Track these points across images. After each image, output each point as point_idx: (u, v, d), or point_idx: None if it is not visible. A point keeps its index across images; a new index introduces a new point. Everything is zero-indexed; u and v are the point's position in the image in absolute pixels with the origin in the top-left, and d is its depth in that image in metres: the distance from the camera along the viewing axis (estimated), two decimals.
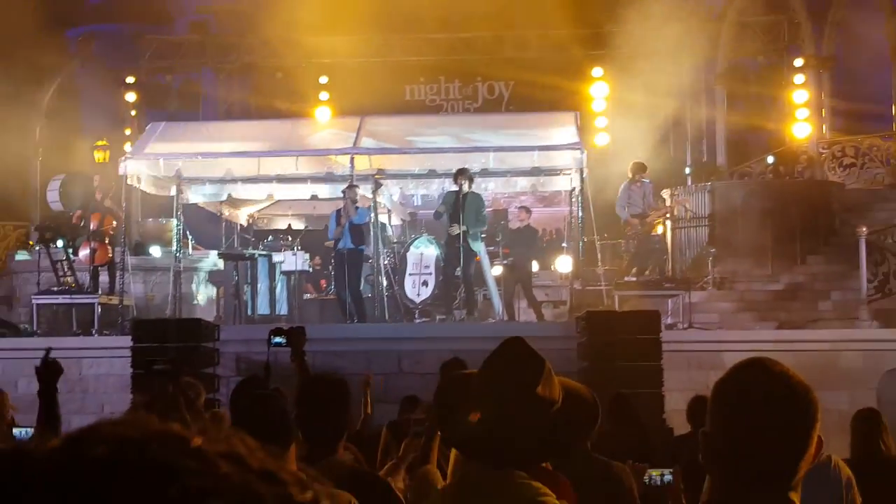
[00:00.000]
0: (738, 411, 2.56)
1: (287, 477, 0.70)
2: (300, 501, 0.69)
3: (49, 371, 6.36)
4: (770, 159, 22.99)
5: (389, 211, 18.85)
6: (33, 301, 18.04)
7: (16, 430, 8.11)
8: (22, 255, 20.35)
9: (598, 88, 25.27)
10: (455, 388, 3.46)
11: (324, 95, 25.96)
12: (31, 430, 7.55)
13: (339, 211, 17.01)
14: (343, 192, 17.04)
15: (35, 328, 17.59)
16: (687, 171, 24.36)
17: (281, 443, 4.07)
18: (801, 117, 23.44)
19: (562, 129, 18.64)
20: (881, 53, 24.60)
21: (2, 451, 0.71)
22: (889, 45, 24.28)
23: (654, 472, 6.07)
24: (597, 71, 25.52)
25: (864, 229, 17.19)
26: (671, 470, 6.16)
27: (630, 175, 20.00)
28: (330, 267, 18.10)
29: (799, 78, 23.79)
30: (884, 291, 17.41)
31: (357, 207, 16.93)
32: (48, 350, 6.72)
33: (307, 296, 18.98)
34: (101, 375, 14.81)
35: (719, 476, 2.62)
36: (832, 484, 6.25)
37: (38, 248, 18.84)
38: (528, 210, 18.04)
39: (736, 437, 2.54)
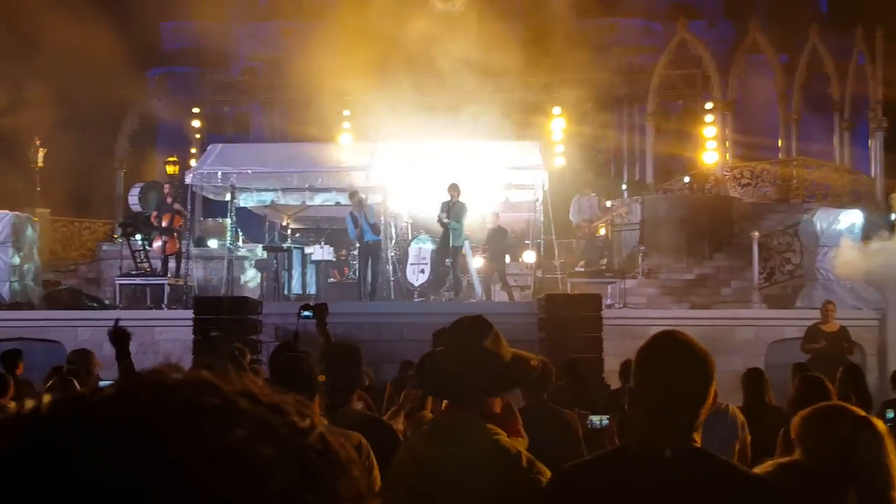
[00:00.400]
0: (654, 371, 2.61)
1: (290, 408, 0.71)
2: (301, 428, 0.70)
3: (118, 336, 6.36)
4: (686, 179, 23.19)
5: (396, 214, 18.82)
6: (116, 282, 17.99)
7: (101, 383, 7.97)
8: (108, 246, 20.29)
9: (557, 123, 25.29)
10: (430, 354, 3.60)
11: (346, 125, 25.91)
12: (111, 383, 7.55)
13: (351, 213, 17.03)
14: (349, 196, 17.15)
15: (117, 303, 17.56)
16: (624, 187, 24.46)
17: (307, 394, 4.11)
18: (710, 147, 23.52)
19: (528, 154, 18.74)
20: (770, 99, 24.83)
21: (65, 399, 0.71)
22: (776, 92, 24.46)
23: (595, 418, 6.14)
24: (556, 110, 25.51)
25: (756, 234, 17.35)
26: (608, 416, 6.24)
27: (581, 190, 20.30)
28: (354, 253, 18.16)
29: (709, 118, 23.91)
30: (771, 281, 17.61)
31: (370, 213, 17.01)
32: (117, 320, 6.74)
33: (331, 280, 18.97)
34: (168, 340, 14.83)
35: (641, 420, 2.65)
36: (728, 426, 6.31)
37: (120, 240, 18.80)
38: (497, 215, 18.09)
39: (653, 391, 2.58)
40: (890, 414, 6.72)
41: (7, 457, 0.65)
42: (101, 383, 7.94)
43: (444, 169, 17.71)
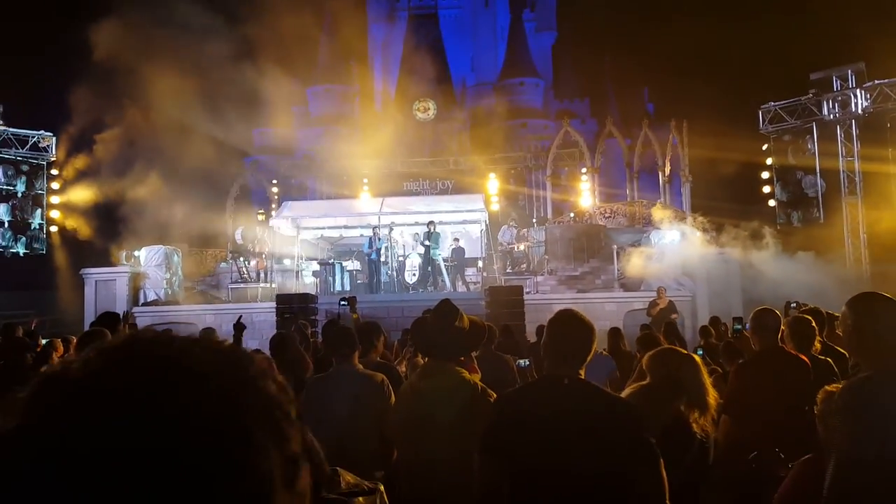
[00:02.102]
0: (557, 332, 2.59)
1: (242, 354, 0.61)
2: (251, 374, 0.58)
3: (238, 327, 6.34)
4: (571, 214, 23.18)
5: (396, 240, 18.69)
6: (229, 286, 17.88)
7: None
8: (223, 265, 20.13)
9: (492, 183, 25.26)
10: (420, 323, 3.57)
11: (365, 186, 25.84)
12: None
13: (370, 238, 16.98)
14: (372, 230, 17.10)
15: (230, 299, 17.43)
16: (534, 220, 24.42)
17: (349, 349, 4.06)
18: (585, 193, 23.64)
19: (475, 203, 18.72)
20: (620, 165, 25.04)
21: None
22: (624, 161, 24.65)
23: (522, 361, 6.07)
24: (492, 175, 25.54)
25: (615, 246, 17.41)
26: (529, 360, 6.18)
27: (506, 222, 20.28)
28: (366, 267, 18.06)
29: (584, 177, 24.03)
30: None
31: (379, 238, 16.95)
32: (240, 316, 6.71)
33: (359, 281, 18.81)
34: (261, 321, 14.67)
35: (548, 361, 2.61)
36: (605, 365, 6.31)
37: (231, 261, 18.67)
38: (458, 239, 18.04)
39: (557, 344, 2.57)
40: (699, 351, 6.73)
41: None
42: None
43: (425, 212, 17.69)
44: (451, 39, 50.94)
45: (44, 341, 7.74)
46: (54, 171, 18.45)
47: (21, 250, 17.48)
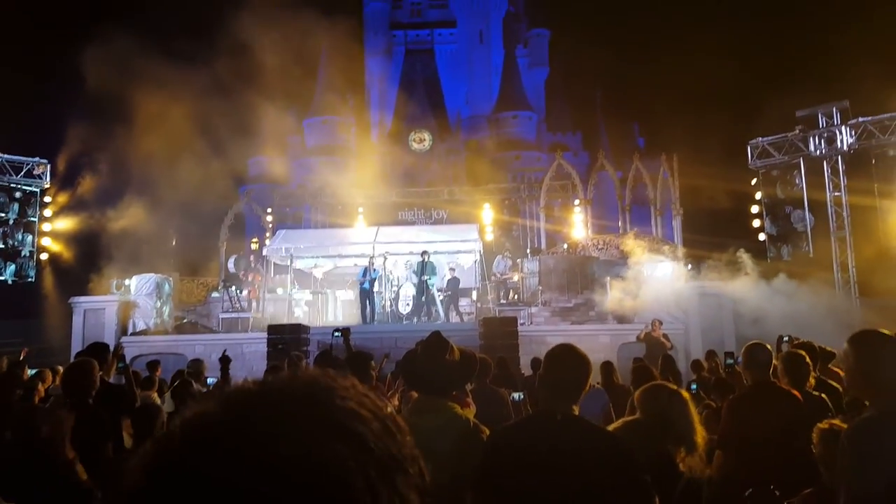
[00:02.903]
0: (553, 367, 2.58)
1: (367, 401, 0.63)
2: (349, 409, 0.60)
3: (224, 360, 6.28)
4: (565, 245, 23.20)
5: (391, 270, 18.61)
6: (220, 316, 17.71)
7: (209, 380, 7.62)
8: (215, 294, 19.97)
9: (486, 213, 25.30)
10: (409, 357, 3.52)
11: (360, 216, 25.84)
12: (214, 380, 7.35)
13: (365, 268, 16.92)
14: (369, 259, 17.03)
15: (220, 329, 17.28)
16: (528, 250, 24.39)
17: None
18: (578, 225, 23.69)
19: (469, 231, 18.74)
20: (612, 198, 25.14)
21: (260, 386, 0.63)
22: (616, 194, 24.79)
23: (516, 395, 6.01)
24: (486, 206, 25.63)
25: (608, 278, 17.39)
26: (523, 393, 6.12)
27: (501, 252, 20.24)
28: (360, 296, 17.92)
29: (577, 209, 24.07)
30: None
31: (374, 269, 16.88)
32: (224, 350, 6.66)
33: (351, 311, 18.67)
34: (251, 352, 14.54)
35: (542, 395, 2.61)
36: (599, 399, 6.25)
37: (222, 290, 18.54)
38: (453, 269, 17.98)
39: (552, 377, 2.56)
40: (693, 386, 6.69)
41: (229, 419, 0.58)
42: (208, 381, 7.81)
43: (420, 242, 17.65)
44: (447, 73, 51.60)
45: (31, 371, 7.62)
46: (48, 199, 18.39)
47: (9, 278, 17.32)
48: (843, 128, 16.86)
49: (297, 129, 47.63)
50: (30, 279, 17.64)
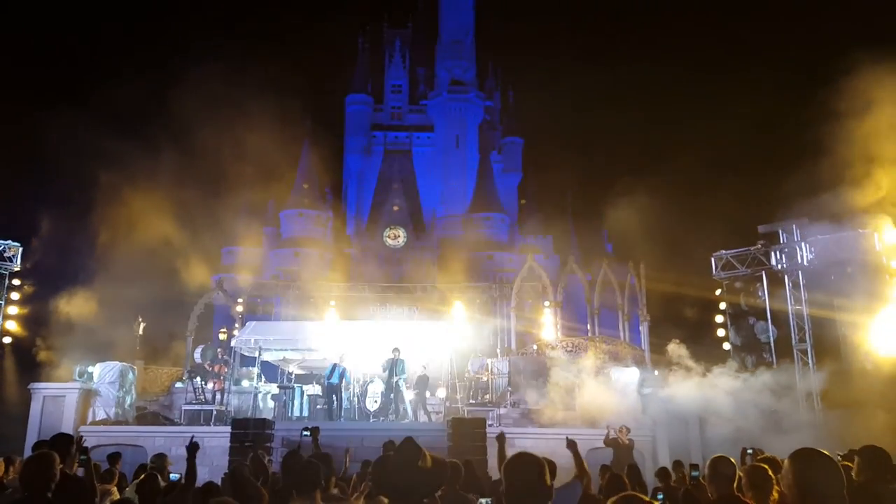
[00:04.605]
0: (512, 475, 2.65)
1: None
2: None
3: (192, 448, 6.16)
4: (535, 346, 23.23)
5: (359, 367, 18.35)
6: (183, 408, 17.24)
7: (172, 475, 7.41)
8: (179, 384, 19.48)
9: (457, 310, 25.44)
10: (381, 464, 3.53)
11: (332, 311, 25.77)
12: (178, 475, 7.12)
13: (334, 364, 16.75)
14: (340, 356, 16.87)
15: (182, 420, 16.77)
16: (498, 350, 24.36)
17: (312, 487, 3.96)
18: (548, 326, 23.89)
19: (441, 329, 18.74)
20: (581, 301, 25.56)
21: None
22: (584, 298, 25.22)
23: (483, 500, 5.92)
24: (457, 303, 25.82)
25: (577, 381, 17.31)
26: (491, 499, 6.03)
27: (475, 354, 20.21)
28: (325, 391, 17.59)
29: (547, 311, 24.39)
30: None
31: (343, 366, 16.76)
32: (192, 437, 6.53)
33: (318, 406, 18.24)
34: (214, 446, 14.06)
35: (508, 500, 2.64)
36: (573, 492, 6.14)
37: (187, 381, 18.12)
38: (424, 367, 17.85)
39: (511, 484, 2.62)
40: (660, 496, 6.69)
41: None
42: (171, 476, 7.57)
43: (390, 338, 17.59)
44: (423, 173, 53.10)
45: None
46: (16, 282, 18.13)
47: None
48: (803, 244, 17.62)
49: (273, 220, 48.08)
50: None
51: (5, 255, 17.98)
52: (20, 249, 18.24)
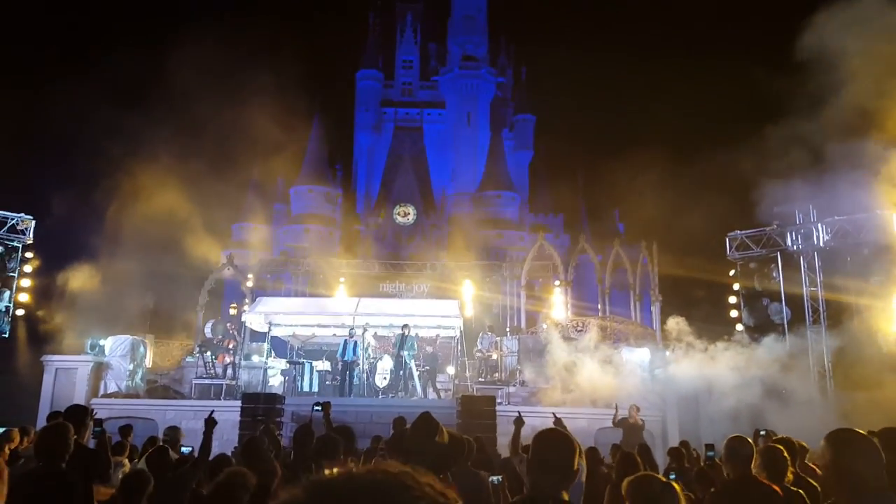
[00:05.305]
0: (542, 449, 2.57)
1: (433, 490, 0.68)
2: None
3: (210, 422, 6.16)
4: (544, 325, 23.15)
5: (369, 342, 18.41)
6: (193, 382, 17.36)
7: (184, 449, 7.40)
8: (190, 359, 19.63)
9: (467, 288, 25.40)
10: (399, 435, 3.52)
11: (342, 287, 25.82)
12: (190, 448, 7.13)
13: (345, 340, 16.79)
14: (349, 331, 16.91)
15: (193, 395, 16.92)
16: (507, 329, 24.38)
17: (329, 461, 3.97)
18: (559, 306, 23.82)
19: (451, 307, 18.65)
20: (592, 280, 25.45)
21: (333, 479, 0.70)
22: (596, 277, 25.11)
23: (494, 477, 5.93)
24: (467, 282, 25.77)
25: (587, 360, 17.24)
26: (501, 476, 6.03)
27: (483, 330, 20.17)
28: (337, 367, 17.63)
29: (557, 290, 24.31)
30: None
31: (355, 341, 16.79)
32: (212, 411, 6.53)
33: (328, 382, 18.37)
34: (224, 420, 14.06)
35: (532, 478, 2.59)
36: (577, 486, 6.16)
37: (198, 355, 18.25)
38: (433, 345, 17.86)
39: (542, 462, 2.54)
40: (672, 475, 6.66)
41: None
42: (183, 449, 7.61)
43: (401, 315, 17.59)
44: (434, 151, 52.83)
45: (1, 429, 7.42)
46: (29, 254, 18.24)
47: None
48: (819, 224, 17.42)
49: (283, 196, 48.09)
50: (3, 335, 17.29)
51: (18, 227, 18.06)
52: (33, 223, 18.32)
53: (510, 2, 63.78)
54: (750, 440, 4.35)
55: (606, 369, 16.37)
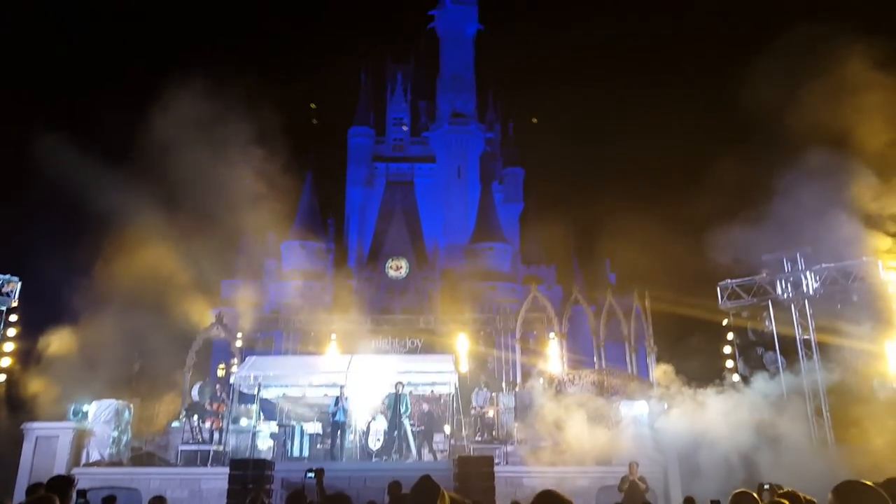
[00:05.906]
0: None
1: None
2: None
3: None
4: (541, 380, 22.82)
5: (361, 403, 18.03)
6: (179, 448, 16.91)
7: None
8: (176, 423, 19.17)
9: (461, 342, 25.22)
10: (396, 501, 3.37)
11: (333, 344, 25.54)
12: None
13: (337, 398, 16.50)
14: (340, 391, 16.62)
15: (178, 461, 16.46)
16: (503, 384, 24.07)
17: None
18: (554, 359, 23.59)
19: (445, 362, 18.40)
20: (587, 332, 25.27)
21: None
22: (590, 328, 24.95)
23: None
24: (461, 336, 25.56)
25: (586, 416, 16.95)
26: None
27: (478, 386, 19.88)
28: (328, 430, 17.25)
29: (553, 343, 24.13)
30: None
31: (346, 398, 16.50)
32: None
33: (318, 445, 17.93)
34: (212, 488, 13.77)
35: None
36: None
37: (184, 420, 17.83)
38: (429, 403, 17.59)
39: None
40: None
41: None
42: None
43: (393, 373, 17.33)
44: (425, 204, 53.20)
45: None
46: (13, 318, 17.97)
47: None
48: (808, 272, 17.49)
49: (275, 251, 48.01)
50: None
51: (3, 290, 17.85)
52: (19, 284, 18.12)
53: (496, 61, 65.56)
54: (755, 495, 4.23)
55: (604, 425, 16.08)
